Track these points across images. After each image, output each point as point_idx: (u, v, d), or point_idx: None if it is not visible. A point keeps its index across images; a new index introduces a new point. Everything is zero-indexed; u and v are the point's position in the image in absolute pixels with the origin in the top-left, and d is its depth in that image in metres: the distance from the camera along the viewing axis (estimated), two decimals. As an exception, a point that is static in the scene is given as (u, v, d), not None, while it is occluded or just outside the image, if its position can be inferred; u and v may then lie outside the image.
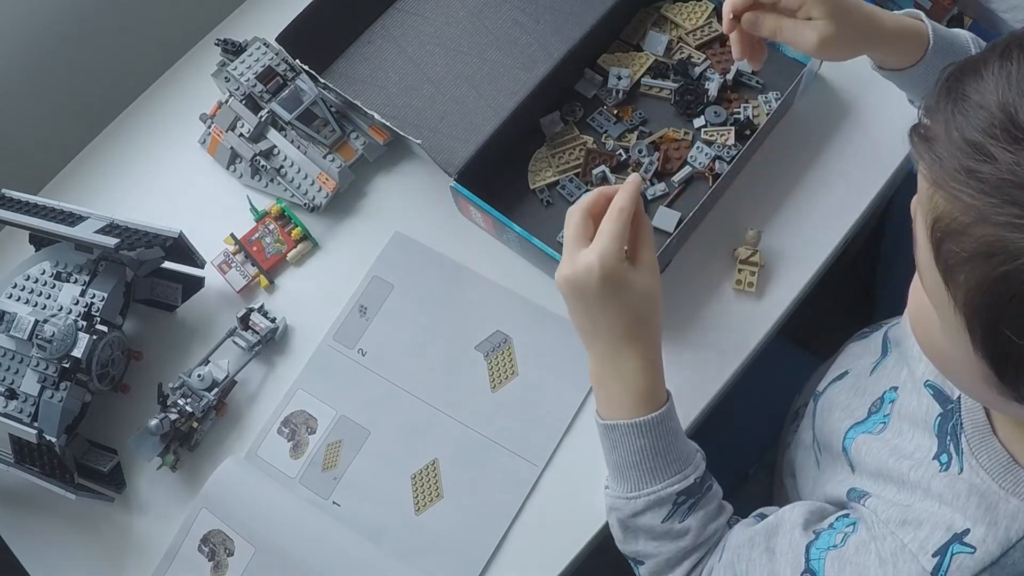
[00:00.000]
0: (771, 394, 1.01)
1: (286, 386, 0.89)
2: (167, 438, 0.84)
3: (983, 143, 0.42)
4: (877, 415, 0.71)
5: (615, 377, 0.71)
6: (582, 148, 0.91)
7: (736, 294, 0.86)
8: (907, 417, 0.66)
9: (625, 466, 0.71)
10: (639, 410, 0.70)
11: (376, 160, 0.95)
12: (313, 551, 0.81)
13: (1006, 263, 0.41)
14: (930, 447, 0.62)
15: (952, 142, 0.44)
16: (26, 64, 1.02)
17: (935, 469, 0.60)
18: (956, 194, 0.43)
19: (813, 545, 0.64)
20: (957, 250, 0.44)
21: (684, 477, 0.70)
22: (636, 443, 0.70)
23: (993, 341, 0.45)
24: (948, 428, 0.61)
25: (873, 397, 0.72)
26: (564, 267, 0.69)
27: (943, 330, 0.49)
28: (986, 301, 0.44)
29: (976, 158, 0.42)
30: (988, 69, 0.44)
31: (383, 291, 0.91)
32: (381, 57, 0.98)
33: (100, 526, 0.86)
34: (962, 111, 0.44)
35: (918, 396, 0.66)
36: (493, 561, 0.80)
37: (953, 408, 0.61)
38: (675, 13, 0.95)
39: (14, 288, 0.85)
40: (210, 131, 0.96)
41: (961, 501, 0.57)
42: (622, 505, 0.72)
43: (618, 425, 0.70)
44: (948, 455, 0.60)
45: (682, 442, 0.72)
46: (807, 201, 0.89)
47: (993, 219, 0.42)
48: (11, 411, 0.82)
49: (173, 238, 0.84)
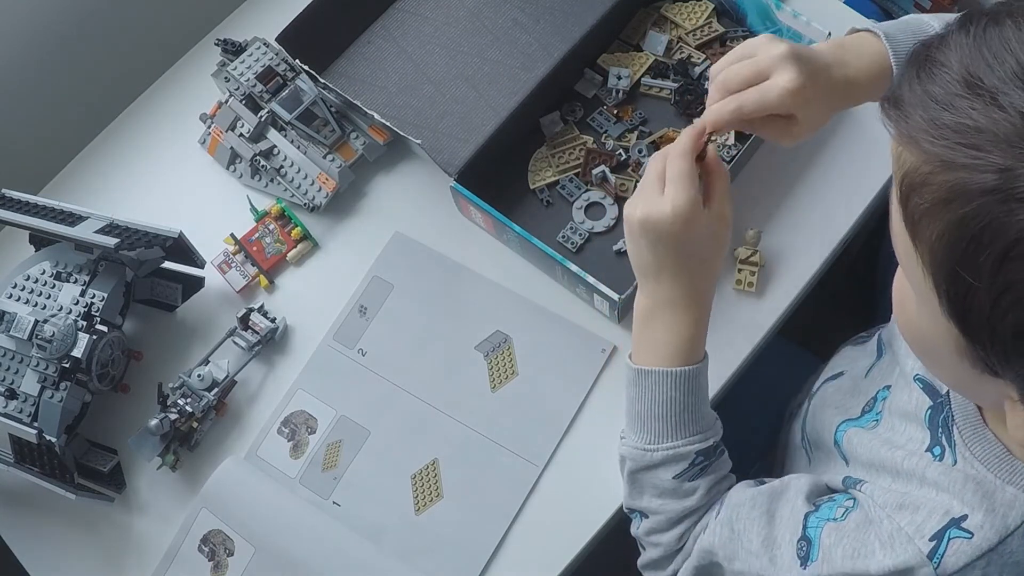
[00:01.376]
0: (771, 394, 1.01)
1: (286, 386, 0.89)
2: (167, 438, 0.84)
3: (944, 95, 0.44)
4: (870, 413, 0.71)
5: (664, 321, 0.69)
6: (582, 148, 0.91)
7: (736, 294, 0.86)
8: (898, 412, 0.67)
9: (649, 416, 0.70)
10: (678, 360, 0.69)
11: (376, 160, 0.95)
12: (313, 551, 0.81)
13: (964, 205, 0.42)
14: (922, 439, 0.62)
15: (916, 98, 0.45)
16: (26, 64, 1.02)
17: (928, 459, 0.61)
18: (920, 145, 0.44)
19: (813, 515, 0.64)
20: (920, 202, 0.45)
21: (705, 438, 0.70)
22: (667, 394, 0.69)
23: (956, 293, 0.45)
24: (939, 420, 0.61)
25: (867, 397, 0.73)
26: (640, 207, 0.66)
27: (918, 305, 0.50)
28: (947, 249, 0.44)
29: (937, 108, 0.44)
30: (950, 35, 0.46)
31: (383, 291, 0.91)
32: (381, 57, 0.98)
33: (100, 526, 0.86)
34: (926, 71, 0.45)
35: (908, 390, 0.66)
36: (493, 561, 0.80)
37: (943, 401, 0.62)
38: (675, 13, 0.95)
39: (14, 288, 0.85)
40: (210, 131, 0.96)
41: (958, 487, 0.58)
42: (638, 456, 0.71)
43: (652, 372, 0.69)
44: (941, 447, 0.60)
45: (707, 404, 0.72)
46: (807, 201, 0.89)
47: (954, 163, 0.42)
48: (11, 411, 0.82)
49: (173, 238, 0.84)
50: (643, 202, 0.67)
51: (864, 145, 0.90)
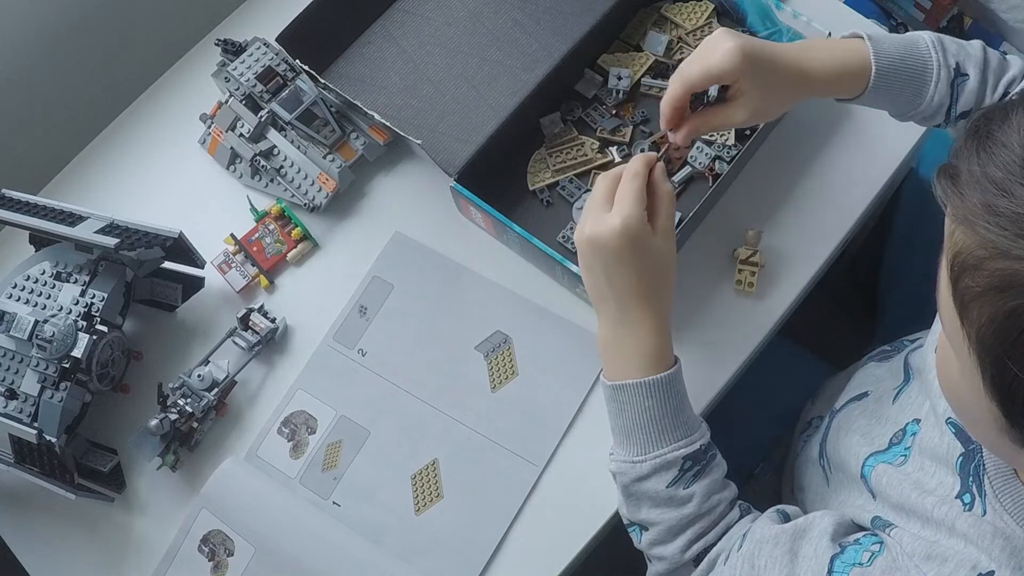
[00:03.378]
0: (772, 394, 1.01)
1: (286, 386, 0.89)
2: (167, 438, 0.84)
3: (1004, 179, 0.43)
4: (898, 447, 0.70)
5: (627, 337, 0.71)
6: (580, 148, 0.91)
7: (736, 294, 0.86)
8: (928, 453, 0.65)
9: (632, 429, 0.70)
10: (648, 370, 0.70)
11: (376, 160, 0.95)
12: (313, 551, 0.81)
13: (1018, 297, 0.42)
14: (952, 484, 0.61)
15: (974, 178, 0.44)
16: (26, 64, 1.02)
17: (959, 508, 0.60)
18: (975, 229, 0.44)
19: (838, 558, 0.62)
20: (972, 285, 0.44)
21: (691, 442, 0.70)
22: (644, 403, 0.69)
23: (1001, 378, 0.44)
24: (970, 469, 0.60)
25: (895, 427, 0.72)
26: (588, 227, 0.69)
27: (960, 373, 0.49)
28: (996, 336, 0.44)
29: (996, 193, 0.43)
30: (1014, 111, 0.45)
31: (383, 291, 0.91)
32: (381, 57, 0.98)
33: (100, 526, 0.86)
34: (986, 149, 0.44)
35: (940, 432, 0.65)
36: (493, 561, 0.80)
37: (975, 448, 0.61)
38: (675, 13, 0.95)
39: (14, 288, 0.85)
40: (210, 131, 0.96)
41: (986, 542, 0.57)
42: (627, 469, 0.71)
43: (627, 385, 0.70)
44: (971, 495, 0.59)
45: (689, 408, 0.72)
46: (807, 201, 0.89)
47: (1009, 253, 0.42)
48: (11, 411, 0.82)
49: (173, 238, 0.84)
50: (591, 222, 0.69)
51: (864, 146, 0.90)
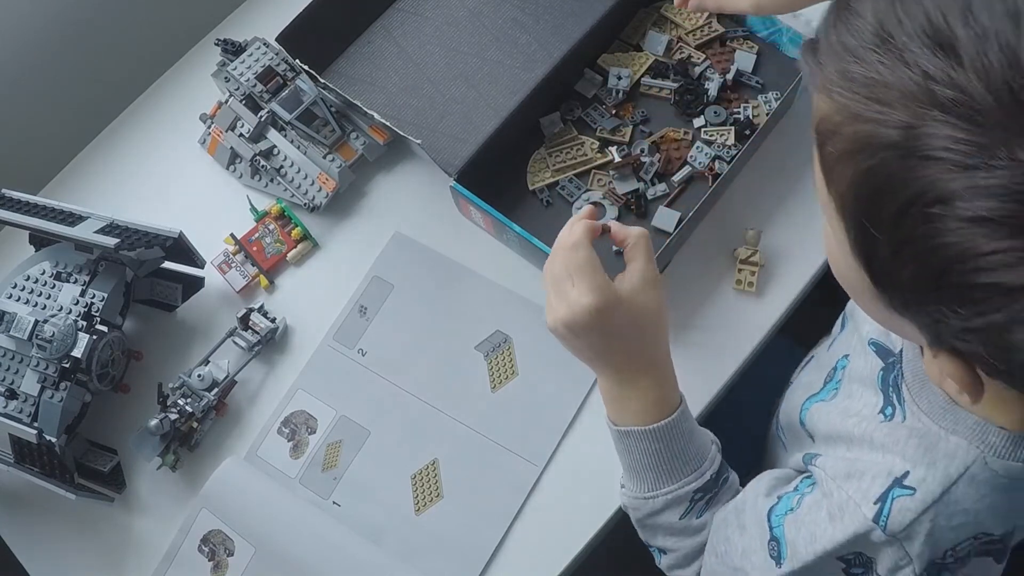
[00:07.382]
0: (772, 394, 1.01)
1: (286, 386, 0.89)
2: (167, 438, 0.84)
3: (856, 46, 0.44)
4: (831, 383, 0.72)
5: (628, 391, 0.71)
6: (580, 147, 0.91)
7: (736, 294, 0.86)
8: (856, 378, 0.68)
9: (641, 468, 0.71)
10: (651, 417, 0.70)
11: (376, 160, 0.95)
12: (313, 551, 0.81)
13: (869, 158, 0.43)
14: (876, 403, 0.63)
15: (831, 47, 0.45)
16: (26, 64, 1.02)
17: (879, 421, 0.62)
18: (831, 96, 0.45)
19: (773, 512, 0.65)
20: (832, 150, 0.45)
21: (700, 475, 0.70)
22: (651, 447, 0.70)
23: (863, 240, 0.45)
24: (890, 380, 0.62)
25: (829, 368, 0.74)
26: (559, 311, 0.67)
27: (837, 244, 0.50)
28: (854, 199, 0.45)
29: (849, 60, 0.44)
30: None
31: (383, 291, 0.91)
32: (381, 57, 0.98)
33: (100, 526, 0.86)
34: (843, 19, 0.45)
35: (864, 356, 0.67)
36: (493, 561, 0.80)
37: (894, 361, 0.62)
38: (675, 13, 0.95)
39: (14, 288, 0.85)
40: (210, 131, 0.96)
41: (900, 445, 0.59)
42: (640, 505, 0.72)
43: (632, 432, 0.70)
44: (892, 407, 0.61)
45: (698, 438, 0.72)
46: (807, 201, 0.89)
47: (861, 116, 0.43)
48: (11, 411, 0.82)
49: (173, 238, 0.84)
50: (558, 304, 0.67)
51: (864, 145, 0.90)
